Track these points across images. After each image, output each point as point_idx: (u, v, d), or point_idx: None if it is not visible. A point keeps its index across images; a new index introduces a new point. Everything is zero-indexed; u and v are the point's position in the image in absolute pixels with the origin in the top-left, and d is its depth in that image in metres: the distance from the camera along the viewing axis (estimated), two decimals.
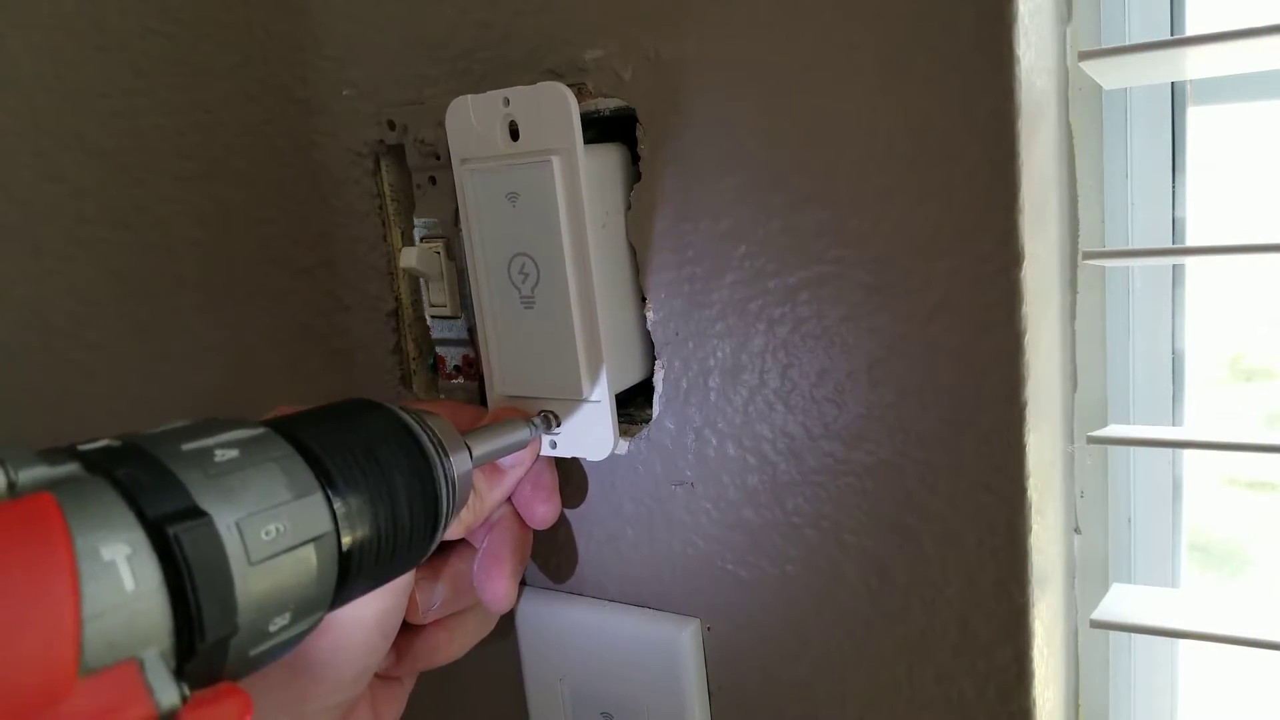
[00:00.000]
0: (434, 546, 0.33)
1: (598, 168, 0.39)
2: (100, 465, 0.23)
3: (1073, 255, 0.39)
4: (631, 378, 0.42)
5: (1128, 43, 0.39)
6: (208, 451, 0.25)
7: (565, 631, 0.47)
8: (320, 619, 0.27)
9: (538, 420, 0.41)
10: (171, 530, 0.22)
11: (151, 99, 0.46)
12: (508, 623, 0.49)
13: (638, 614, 0.45)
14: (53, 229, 0.43)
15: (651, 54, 0.39)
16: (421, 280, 0.47)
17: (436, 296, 0.46)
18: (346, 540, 0.28)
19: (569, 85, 0.41)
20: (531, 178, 0.38)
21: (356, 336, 0.51)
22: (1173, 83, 0.42)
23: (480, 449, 0.36)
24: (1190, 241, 0.43)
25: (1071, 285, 0.40)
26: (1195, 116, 0.42)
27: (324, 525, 0.27)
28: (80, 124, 0.44)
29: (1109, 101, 0.43)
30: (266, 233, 0.50)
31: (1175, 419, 0.44)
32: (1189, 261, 0.42)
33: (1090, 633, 0.43)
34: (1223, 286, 0.44)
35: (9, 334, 0.41)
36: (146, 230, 0.46)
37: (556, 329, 0.39)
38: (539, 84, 0.37)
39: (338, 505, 0.27)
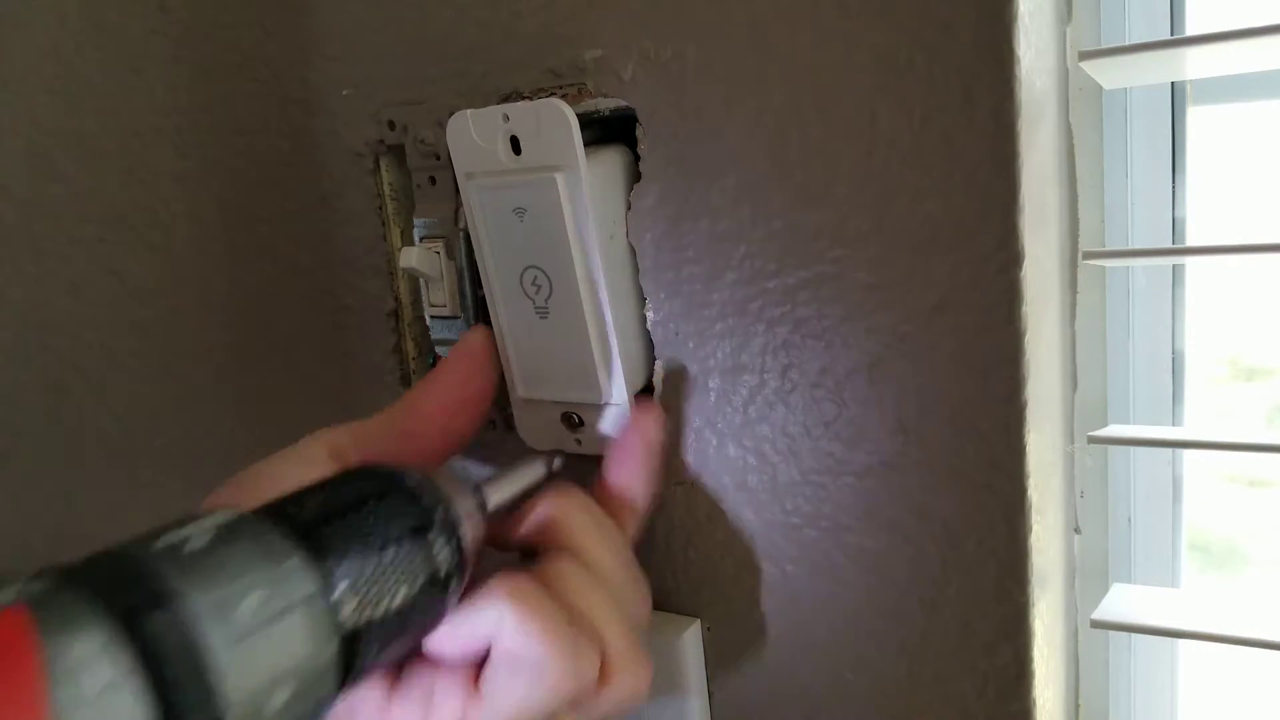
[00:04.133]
0: (451, 599, 0.31)
1: (602, 177, 0.39)
2: (75, 571, 0.23)
3: (1073, 255, 0.39)
4: (644, 378, 0.42)
5: (1128, 43, 0.39)
6: (180, 542, 0.25)
7: None
8: (333, 696, 0.26)
9: (557, 461, 0.40)
10: (142, 621, 0.22)
11: (151, 99, 0.46)
12: None
13: None
14: (53, 229, 0.43)
15: (651, 54, 0.39)
16: (421, 280, 0.47)
17: (436, 296, 0.46)
18: (345, 609, 0.27)
19: (569, 85, 0.41)
20: (537, 194, 0.38)
21: (356, 336, 0.51)
22: (1173, 83, 0.42)
23: (497, 496, 0.36)
24: (1190, 241, 0.43)
25: (1071, 285, 0.40)
26: (1195, 116, 0.42)
27: (307, 588, 0.26)
28: (80, 124, 0.43)
29: (1109, 101, 0.43)
30: (266, 233, 0.50)
31: (1175, 419, 0.44)
32: (1189, 261, 0.42)
33: (1090, 633, 0.43)
34: (1223, 286, 0.44)
35: (9, 334, 0.41)
36: (146, 230, 0.46)
37: (572, 338, 0.40)
38: (537, 101, 0.37)
39: (323, 569, 0.26)
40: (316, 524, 0.28)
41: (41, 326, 0.42)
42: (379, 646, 0.28)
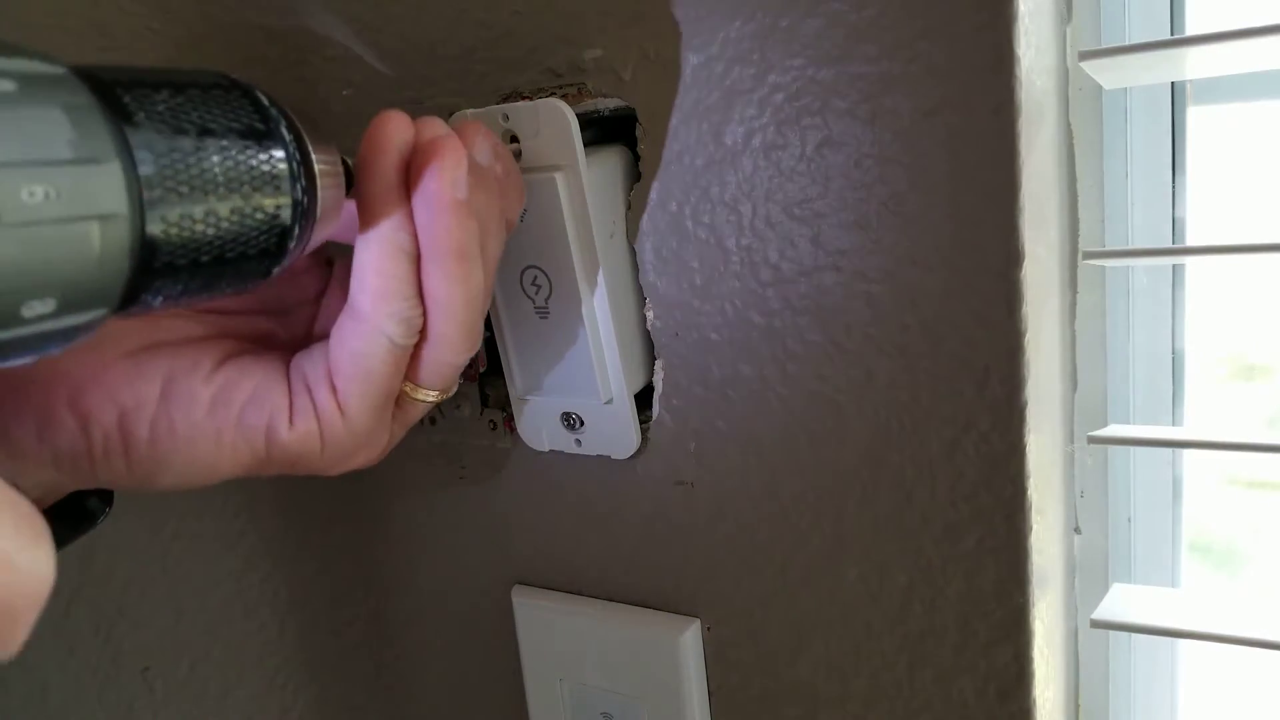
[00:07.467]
0: (282, 261, 0.27)
1: (601, 177, 0.39)
2: None
3: (1073, 255, 0.39)
4: (644, 378, 0.42)
5: (1128, 43, 0.39)
6: None
7: (565, 631, 0.47)
8: (102, 318, 0.22)
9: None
10: None
11: None
12: (508, 622, 0.49)
13: (638, 614, 0.45)
14: None
15: (651, 54, 0.39)
16: None
17: None
18: (155, 233, 0.22)
19: (569, 85, 0.41)
20: (537, 194, 0.38)
21: None
22: (1173, 83, 0.42)
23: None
24: (1190, 241, 0.43)
25: (1071, 285, 0.40)
26: (1195, 116, 0.42)
27: (115, 204, 0.21)
28: None
29: (1109, 101, 0.43)
30: None
31: (1175, 419, 0.44)
32: (1189, 261, 0.42)
33: (1090, 633, 0.43)
34: (1223, 286, 0.44)
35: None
36: None
37: (572, 339, 0.40)
38: (537, 101, 0.37)
39: (148, 186, 0.22)
40: (153, 121, 0.23)
41: None
42: (187, 277, 0.24)
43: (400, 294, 0.31)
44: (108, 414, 0.30)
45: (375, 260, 0.31)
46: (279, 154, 0.26)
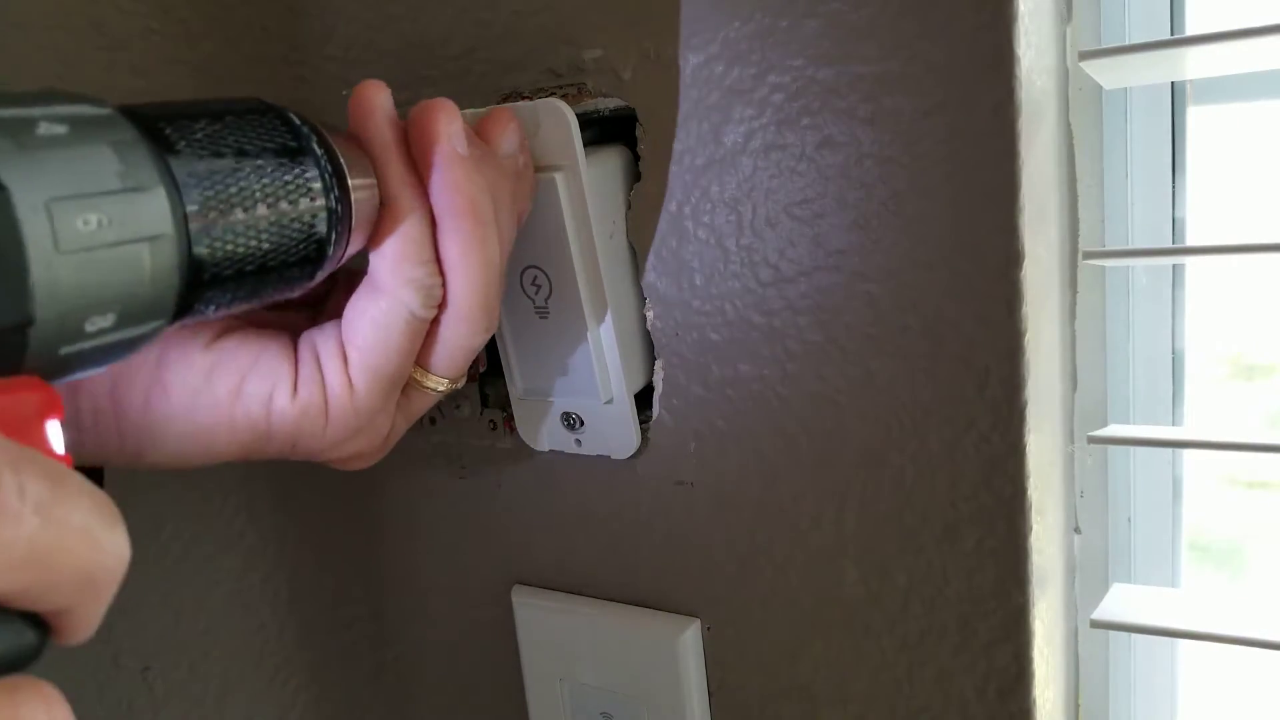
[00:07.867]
0: (323, 266, 0.29)
1: (601, 178, 0.39)
2: None
3: (1073, 255, 0.39)
4: (644, 378, 0.42)
5: (1128, 43, 0.39)
6: (29, 122, 0.21)
7: (565, 631, 0.47)
8: (160, 328, 0.24)
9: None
10: None
11: (151, 99, 0.46)
12: (508, 622, 0.49)
13: (638, 614, 0.45)
14: None
15: (651, 54, 0.39)
16: None
17: None
18: (200, 250, 0.25)
19: (569, 85, 0.41)
20: (537, 194, 0.38)
21: None
22: (1173, 83, 0.42)
23: None
24: (1190, 241, 0.43)
25: (1071, 285, 0.40)
26: (1195, 116, 0.42)
27: (161, 226, 0.23)
28: None
29: (1109, 101, 0.43)
30: None
31: (1175, 419, 0.44)
32: (1189, 261, 0.42)
33: (1090, 633, 0.43)
34: (1223, 286, 0.44)
35: None
36: None
37: (571, 339, 0.40)
38: (537, 101, 0.37)
39: (191, 208, 0.24)
40: (194, 148, 0.25)
41: None
42: (233, 286, 0.26)
43: (419, 258, 0.32)
44: (98, 382, 0.30)
45: (392, 225, 0.31)
46: (311, 169, 0.28)
